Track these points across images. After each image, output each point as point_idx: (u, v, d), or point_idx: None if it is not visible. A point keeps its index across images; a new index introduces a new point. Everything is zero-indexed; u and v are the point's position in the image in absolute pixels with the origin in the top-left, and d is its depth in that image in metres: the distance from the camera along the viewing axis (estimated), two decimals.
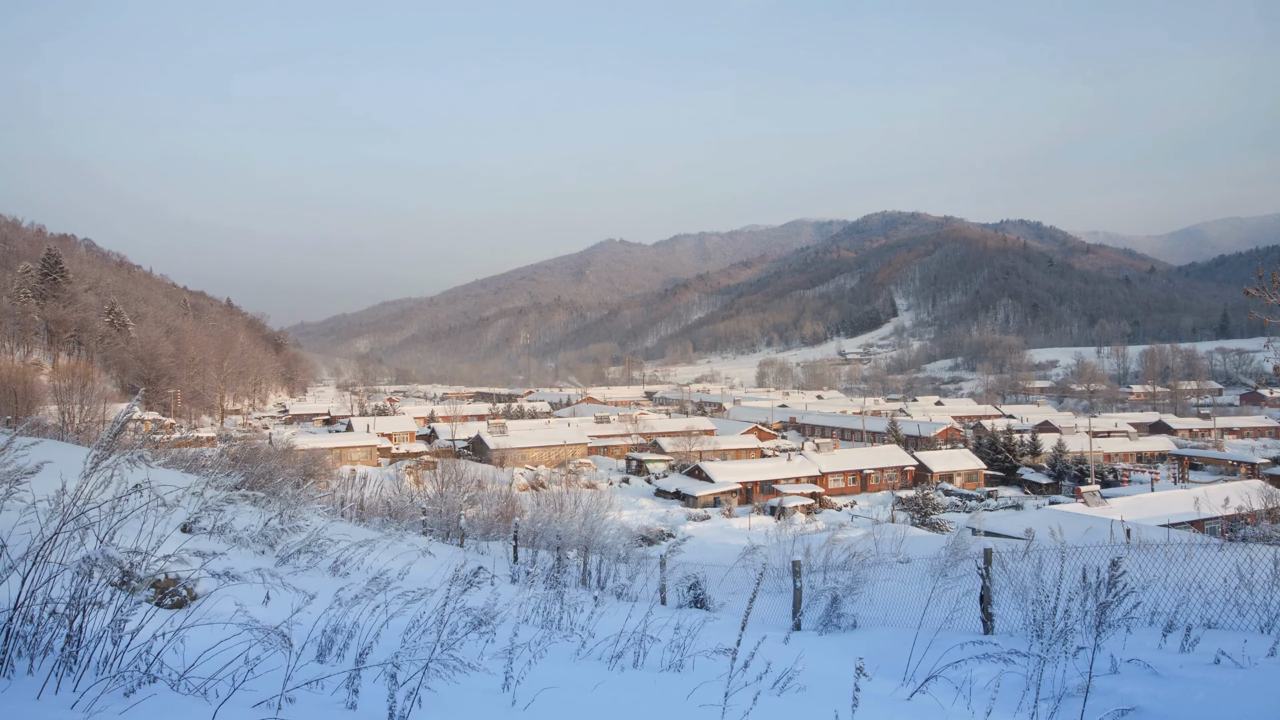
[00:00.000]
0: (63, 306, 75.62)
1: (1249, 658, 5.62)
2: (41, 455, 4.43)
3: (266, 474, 14.96)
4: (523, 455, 66.73)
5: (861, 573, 11.09)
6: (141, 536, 4.15)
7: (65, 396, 36.76)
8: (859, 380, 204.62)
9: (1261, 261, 20.25)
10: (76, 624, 3.33)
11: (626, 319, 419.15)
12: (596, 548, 14.90)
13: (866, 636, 8.75)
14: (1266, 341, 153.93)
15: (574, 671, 5.08)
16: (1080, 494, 47.91)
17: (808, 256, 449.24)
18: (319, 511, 14.35)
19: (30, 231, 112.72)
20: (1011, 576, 8.71)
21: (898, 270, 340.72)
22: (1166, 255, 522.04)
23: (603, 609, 7.53)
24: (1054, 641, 4.77)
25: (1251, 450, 73.08)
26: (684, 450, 64.77)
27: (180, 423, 71.24)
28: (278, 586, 4.31)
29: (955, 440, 75.18)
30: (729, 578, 13.17)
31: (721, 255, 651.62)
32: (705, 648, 5.58)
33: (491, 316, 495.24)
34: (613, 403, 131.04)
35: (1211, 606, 7.30)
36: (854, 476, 59.27)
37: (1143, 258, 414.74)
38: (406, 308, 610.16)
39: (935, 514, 46.65)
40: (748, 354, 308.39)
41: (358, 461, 60.35)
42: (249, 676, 3.26)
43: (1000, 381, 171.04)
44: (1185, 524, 31.34)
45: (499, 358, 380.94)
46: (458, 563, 9.04)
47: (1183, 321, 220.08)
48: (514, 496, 32.12)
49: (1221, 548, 9.79)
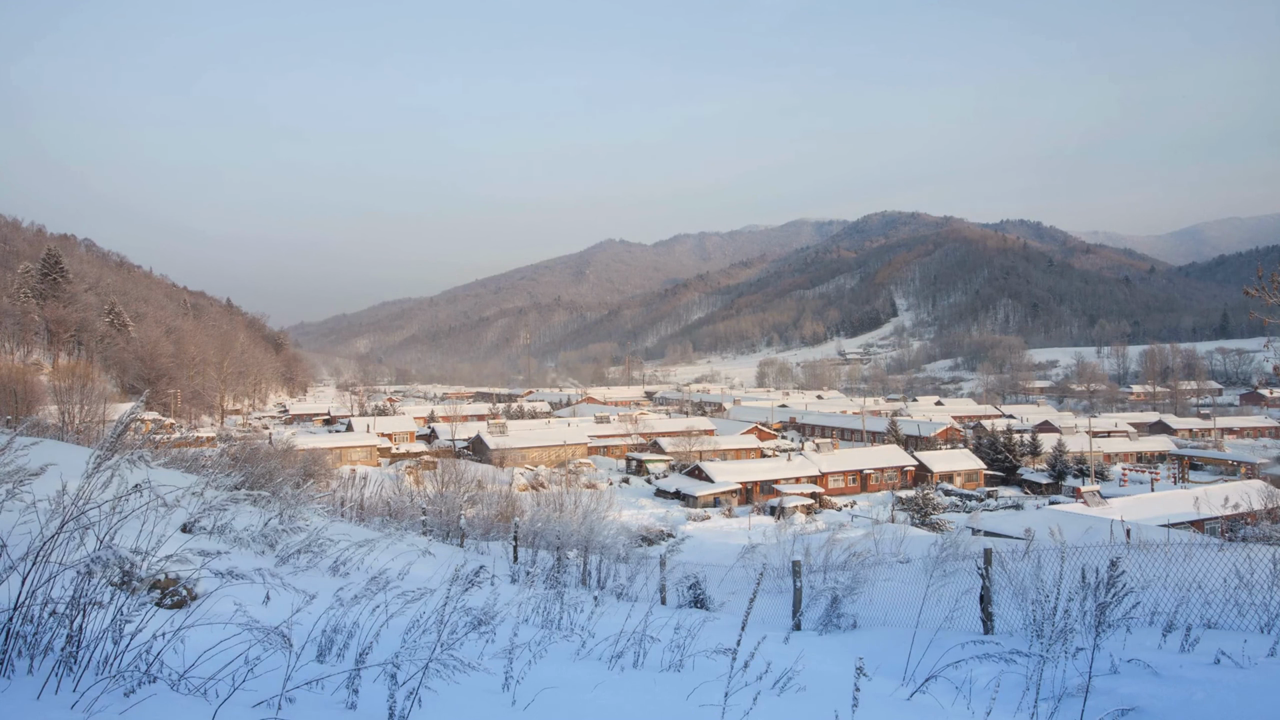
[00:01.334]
0: (63, 306, 75.63)
1: (1249, 658, 5.62)
2: (41, 455, 4.44)
3: (266, 474, 14.96)
4: (523, 455, 66.73)
5: (861, 573, 11.08)
6: (142, 536, 4.16)
7: (65, 396, 36.74)
8: (859, 380, 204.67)
9: (1261, 261, 20.27)
10: (76, 624, 3.33)
11: (626, 319, 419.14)
12: (596, 548, 14.90)
13: (866, 636, 8.75)
14: (1266, 341, 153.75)
15: (574, 671, 5.08)
16: (1080, 494, 47.92)
17: (808, 256, 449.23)
18: (319, 511, 14.36)
19: (30, 231, 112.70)
20: (1011, 576, 8.71)
21: (898, 270, 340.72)
22: (1166, 255, 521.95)
23: (602, 609, 7.54)
24: (1054, 641, 4.77)
25: (1251, 450, 73.09)
26: (684, 450, 64.76)
27: (180, 423, 71.24)
28: (278, 586, 4.31)
29: (955, 440, 75.18)
30: (729, 578, 13.17)
31: (721, 255, 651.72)
32: (705, 648, 5.58)
33: (491, 316, 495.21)
34: (613, 403, 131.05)
35: (1211, 606, 7.30)
36: (854, 476, 59.27)
37: (1143, 258, 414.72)
38: (406, 308, 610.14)
39: (935, 514, 46.64)
40: (748, 354, 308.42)
41: (358, 461, 60.35)
42: (249, 676, 3.26)
43: (1000, 381, 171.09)
44: (1185, 524, 31.34)
45: (499, 358, 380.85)
46: (458, 563, 9.04)
47: (1183, 321, 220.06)
48: (514, 496, 32.13)
49: (1221, 548, 9.79)
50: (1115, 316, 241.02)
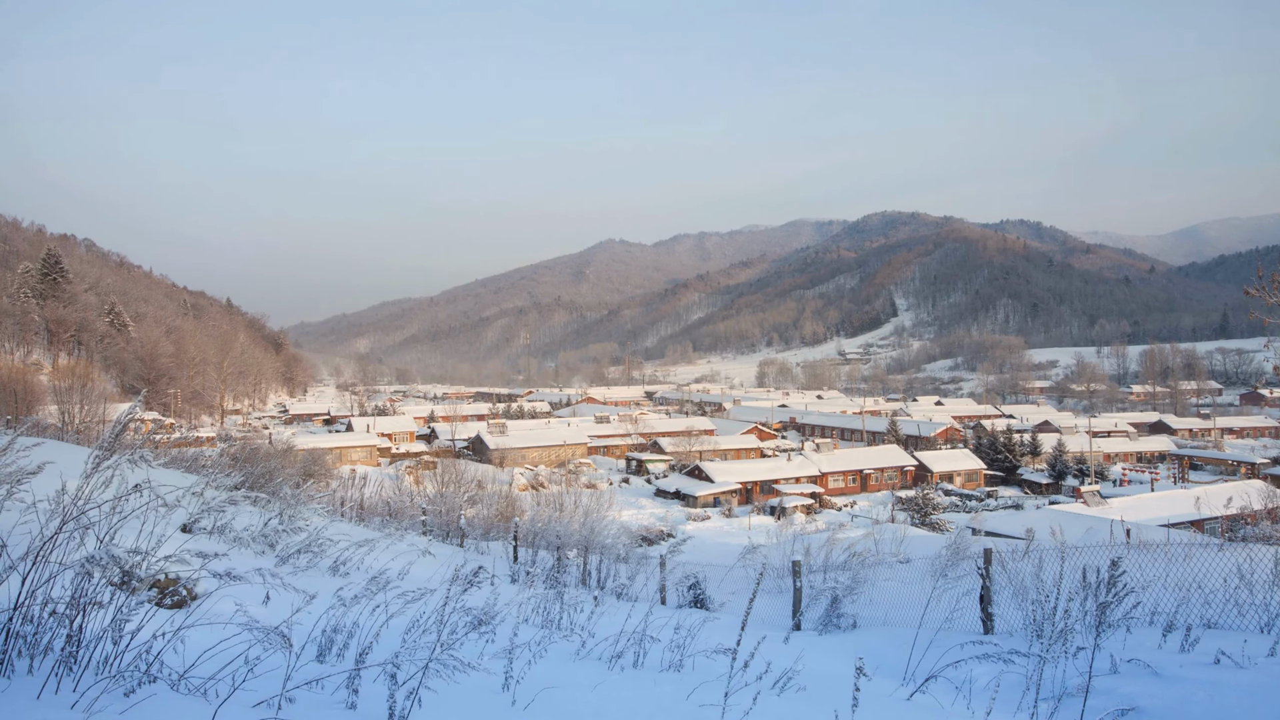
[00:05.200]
0: (63, 306, 75.65)
1: (1249, 658, 5.62)
2: (42, 455, 4.43)
3: (266, 474, 14.94)
4: (523, 455, 66.73)
5: (861, 573, 11.08)
6: (142, 536, 4.16)
7: (65, 396, 36.74)
8: (859, 380, 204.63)
9: (1261, 261, 20.26)
10: (76, 624, 3.33)
11: (626, 319, 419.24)
12: (596, 548, 14.89)
13: (866, 636, 8.75)
14: (1266, 341, 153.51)
15: (574, 671, 5.08)
16: (1080, 494, 47.93)
17: (808, 256, 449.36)
18: (319, 511, 14.35)
19: (30, 231, 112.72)
20: (1011, 576, 8.72)
21: (898, 270, 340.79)
22: (1166, 255, 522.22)
23: (602, 609, 7.53)
24: (1054, 641, 4.77)
25: (1251, 450, 73.10)
26: (684, 450, 64.76)
27: (180, 423, 71.25)
28: (278, 586, 4.31)
29: (955, 440, 75.16)
30: (729, 578, 13.16)
31: (721, 255, 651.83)
32: (705, 647, 5.58)
33: (491, 316, 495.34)
34: (613, 403, 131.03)
35: (1211, 606, 7.30)
36: (854, 476, 59.27)
37: (1143, 258, 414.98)
38: (406, 308, 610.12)
39: (935, 514, 46.64)
40: (748, 354, 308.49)
41: (358, 461, 60.35)
42: (249, 676, 3.26)
43: (1000, 381, 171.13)
44: (1185, 524, 31.34)
45: (499, 358, 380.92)
46: (458, 563, 9.05)
47: (1183, 321, 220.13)
48: (514, 496, 32.13)
49: (1221, 548, 9.78)
50: (1115, 316, 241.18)
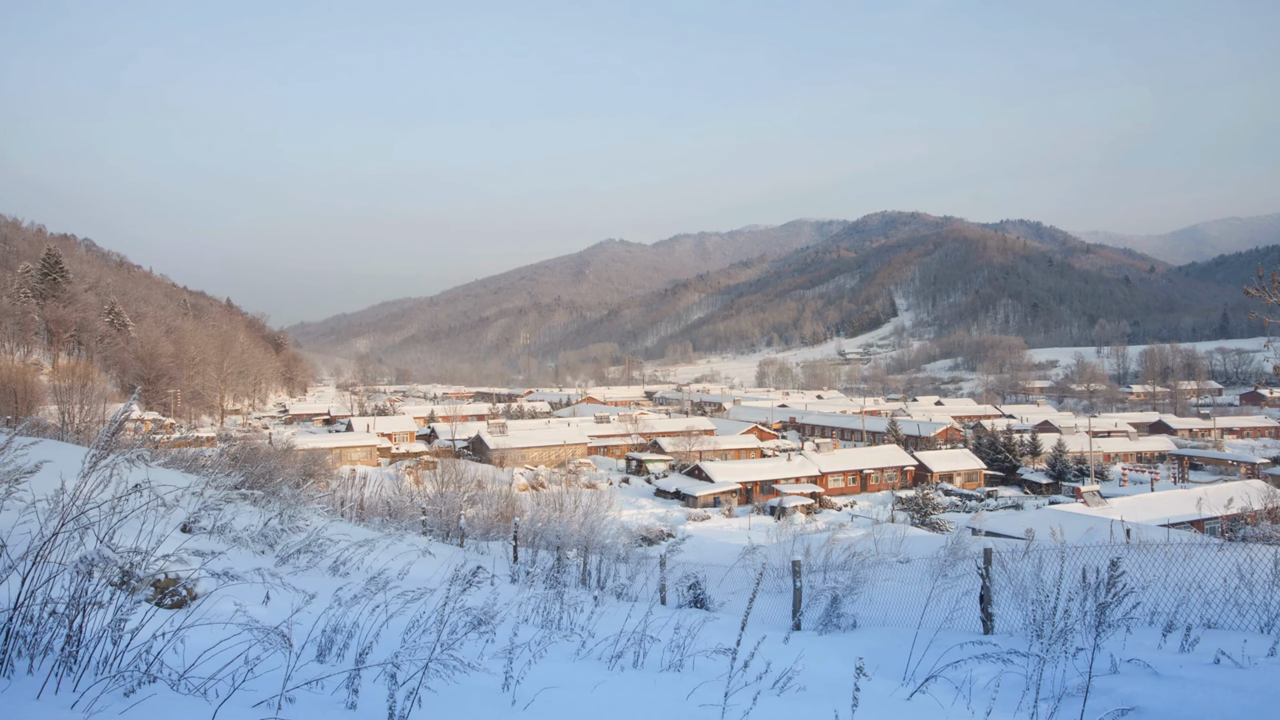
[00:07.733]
0: (63, 306, 75.63)
1: (1249, 658, 5.62)
2: (41, 455, 4.43)
3: (266, 474, 14.95)
4: (523, 455, 66.72)
5: (861, 573, 11.08)
6: (141, 536, 4.15)
7: (65, 396, 36.72)
8: (859, 380, 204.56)
9: (1261, 261, 20.27)
10: (76, 624, 3.32)
11: (626, 319, 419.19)
12: (596, 548, 14.89)
13: (866, 636, 8.74)
14: (1266, 341, 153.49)
15: (574, 671, 5.08)
16: (1080, 494, 47.93)
17: (808, 256, 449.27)
18: (319, 511, 14.35)
19: (30, 231, 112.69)
20: (1011, 576, 8.71)
21: (898, 270, 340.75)
22: (1166, 255, 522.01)
23: (602, 609, 7.53)
24: (1054, 641, 4.77)
25: (1251, 450, 73.11)
26: (684, 450, 64.77)
27: (180, 423, 71.24)
28: (277, 586, 4.31)
29: (955, 440, 75.16)
30: (729, 578, 13.16)
31: (721, 255, 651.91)
32: (705, 647, 5.58)
33: (491, 316, 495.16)
34: (613, 403, 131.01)
35: (1211, 606, 7.29)
36: (854, 476, 59.27)
37: (1143, 258, 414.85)
38: (406, 308, 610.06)
39: (935, 514, 46.65)
40: (748, 354, 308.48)
41: (358, 461, 60.35)
42: (249, 676, 3.26)
43: (1000, 381, 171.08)
44: (1185, 524, 31.35)
45: (499, 358, 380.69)
46: (458, 563, 9.05)
47: (1183, 321, 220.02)
48: (514, 496, 32.10)
49: (1221, 548, 9.77)
50: (1115, 316, 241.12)
